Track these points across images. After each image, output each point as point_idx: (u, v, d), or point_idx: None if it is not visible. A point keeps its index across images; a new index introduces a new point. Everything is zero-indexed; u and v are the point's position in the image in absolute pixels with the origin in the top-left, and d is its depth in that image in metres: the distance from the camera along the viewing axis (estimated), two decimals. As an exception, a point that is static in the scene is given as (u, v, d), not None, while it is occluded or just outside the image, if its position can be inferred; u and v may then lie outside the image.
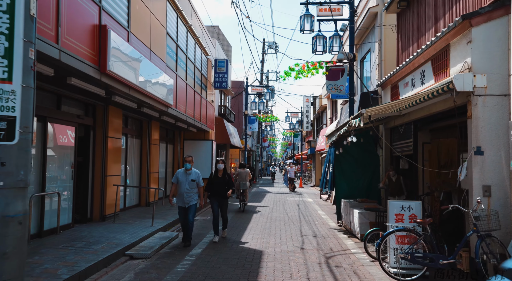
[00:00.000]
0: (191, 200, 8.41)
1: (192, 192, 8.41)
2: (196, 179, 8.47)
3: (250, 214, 13.93)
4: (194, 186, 8.44)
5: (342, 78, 13.16)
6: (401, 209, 6.73)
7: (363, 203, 10.45)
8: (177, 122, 14.14)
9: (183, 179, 8.41)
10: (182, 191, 8.36)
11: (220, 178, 9.10)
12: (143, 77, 9.05)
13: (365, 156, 11.99)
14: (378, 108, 7.12)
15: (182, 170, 8.55)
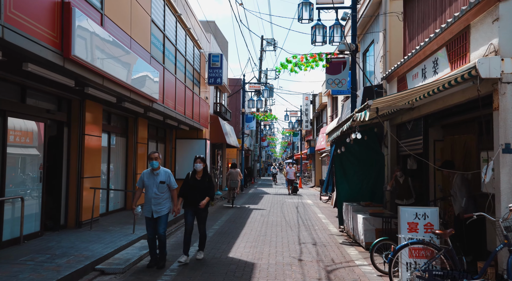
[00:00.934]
0: (161, 208, 6.66)
1: (162, 198, 6.69)
2: (167, 181, 6.72)
3: (244, 219, 12.95)
4: (165, 190, 6.74)
5: (343, 72, 12.18)
6: (414, 217, 5.75)
7: (368, 207, 9.47)
8: (166, 119, 13.16)
9: (149, 181, 6.69)
10: (150, 197, 6.64)
11: (198, 181, 7.09)
12: (122, 68, 8.07)
13: (369, 155, 11.01)
14: (387, 99, 6.13)
15: (148, 170, 6.79)
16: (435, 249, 5.24)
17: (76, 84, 7.23)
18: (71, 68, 6.26)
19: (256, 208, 15.92)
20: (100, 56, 7.01)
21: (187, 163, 17.02)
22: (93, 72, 6.95)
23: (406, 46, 10.44)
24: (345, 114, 14.62)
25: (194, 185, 7.04)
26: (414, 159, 9.98)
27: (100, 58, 7.00)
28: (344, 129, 7.86)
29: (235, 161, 30.55)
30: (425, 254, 5.51)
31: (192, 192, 7.02)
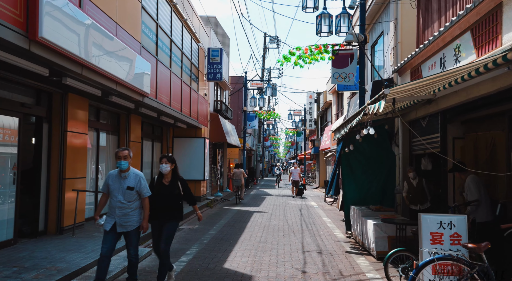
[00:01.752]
0: (128, 220, 5.24)
1: (130, 207, 5.25)
2: (136, 186, 5.27)
3: (244, 222, 12.10)
4: (134, 198, 5.28)
5: (351, 65, 11.30)
6: (439, 226, 4.89)
7: (378, 212, 8.60)
8: (161, 116, 12.33)
9: (115, 186, 5.27)
10: (114, 205, 5.24)
11: (166, 188, 5.58)
12: (105, 56, 7.24)
13: (378, 154, 10.15)
14: (406, 87, 5.27)
15: (115, 172, 5.39)
16: (467, 266, 4.38)
17: (51, 73, 6.41)
18: (40, 53, 5.44)
19: (257, 211, 15.07)
20: (77, 41, 6.18)
21: (185, 163, 16.20)
22: (69, 59, 6.13)
23: (420, 36, 9.57)
24: (352, 111, 13.74)
25: (160, 192, 5.55)
26: (429, 159, 9.12)
27: (77, 43, 6.18)
28: (354, 125, 7.00)
29: (237, 161, 29.74)
30: (452, 270, 4.65)
31: (158, 201, 5.53)
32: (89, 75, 6.86)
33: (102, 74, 7.25)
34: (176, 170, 5.71)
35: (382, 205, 9.67)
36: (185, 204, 5.97)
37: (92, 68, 6.79)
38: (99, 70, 7.02)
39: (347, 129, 7.87)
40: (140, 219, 5.39)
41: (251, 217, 13.37)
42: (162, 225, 5.57)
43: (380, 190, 10.15)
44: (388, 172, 10.15)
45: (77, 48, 6.12)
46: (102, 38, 7.07)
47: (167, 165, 5.57)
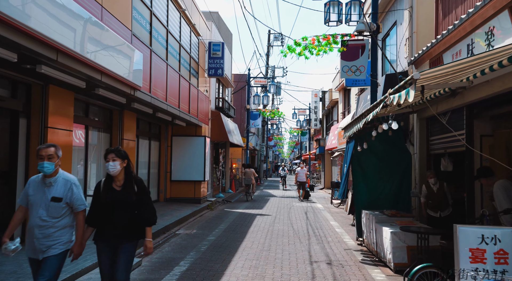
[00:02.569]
0: (51, 243, 3.81)
1: (56, 227, 3.85)
2: (67, 197, 3.91)
3: (246, 227, 11.24)
4: (61, 213, 3.90)
5: (361, 57, 10.43)
6: (480, 241, 4.01)
7: (394, 218, 7.72)
8: (157, 112, 11.49)
9: (36, 197, 3.87)
10: (32, 224, 3.81)
11: (117, 194, 4.08)
12: (87, 42, 6.41)
13: (393, 154, 9.26)
14: (439, 71, 4.38)
15: (38, 177, 3.97)
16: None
17: (21, 59, 5.57)
18: (1, 32, 4.59)
19: (260, 214, 14.21)
20: (50, 21, 5.34)
21: (184, 163, 15.37)
22: (39, 41, 5.29)
23: (439, 23, 8.68)
24: (362, 107, 12.86)
25: (110, 201, 4.02)
26: (449, 159, 8.24)
27: (50, 24, 5.33)
28: (369, 119, 6.11)
29: (240, 161, 28.90)
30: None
31: (107, 214, 4.02)
32: (67, 62, 6.01)
33: (83, 62, 6.41)
34: (129, 169, 4.13)
35: (397, 210, 8.80)
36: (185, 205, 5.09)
37: (70, 54, 5.95)
38: (79, 57, 6.18)
39: (360, 125, 6.99)
40: (66, 241, 3.88)
41: (253, 220, 12.50)
42: (116, 249, 4.01)
43: (394, 193, 9.27)
44: (402, 173, 9.27)
45: (48, 29, 5.28)
46: (83, 21, 6.23)
47: (116, 163, 3.97)
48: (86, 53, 6.35)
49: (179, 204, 14.62)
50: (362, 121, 6.77)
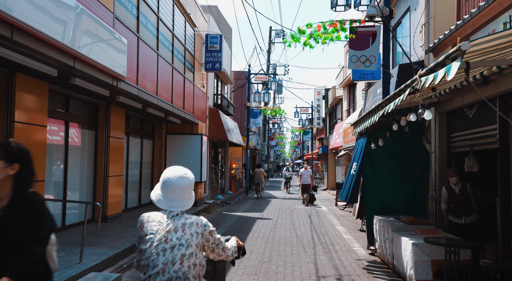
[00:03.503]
0: None
1: None
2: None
3: (245, 233, 10.25)
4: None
5: (372, 46, 9.42)
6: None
7: (414, 226, 6.72)
8: (147, 107, 10.52)
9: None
10: None
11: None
12: (56, 23, 5.44)
13: (407, 152, 8.28)
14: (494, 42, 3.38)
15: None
16: None
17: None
18: None
19: (260, 217, 13.22)
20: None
21: (179, 163, 14.35)
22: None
23: (462, 5, 7.69)
24: (371, 102, 11.87)
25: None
26: (475, 158, 7.24)
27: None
28: (389, 110, 5.11)
29: (240, 161, 27.94)
30: None
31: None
32: (27, 42, 5.03)
33: (50, 44, 5.43)
34: (23, 181, 2.25)
35: (411, 214, 7.83)
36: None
37: (29, 31, 4.96)
38: (42, 37, 5.20)
39: (375, 118, 5.99)
40: None
41: (253, 225, 11.52)
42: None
43: (409, 196, 8.28)
44: (419, 175, 8.28)
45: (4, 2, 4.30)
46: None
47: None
48: (53, 33, 5.36)
49: (173, 207, 13.62)
50: (378, 114, 5.78)
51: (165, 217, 2.38)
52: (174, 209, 2.41)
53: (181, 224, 2.37)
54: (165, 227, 2.33)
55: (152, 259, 2.29)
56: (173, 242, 2.31)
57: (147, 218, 2.41)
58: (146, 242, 2.34)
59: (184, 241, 2.33)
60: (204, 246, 2.45)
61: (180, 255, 2.30)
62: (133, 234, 8.65)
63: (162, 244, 2.30)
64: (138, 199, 12.90)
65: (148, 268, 2.30)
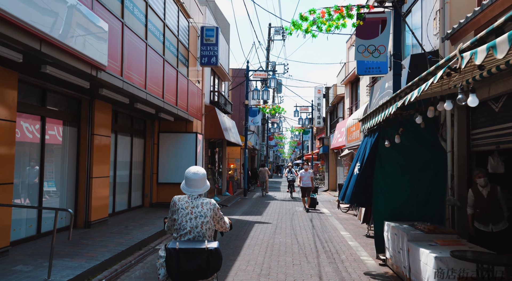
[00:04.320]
0: None
1: None
2: None
3: (241, 239, 9.40)
4: None
5: (382, 35, 8.57)
6: None
7: (433, 235, 5.88)
8: (135, 102, 9.67)
9: None
10: None
11: None
12: (24, 4, 4.58)
13: (421, 151, 7.46)
14: None
15: None
16: None
17: None
18: None
19: (259, 221, 12.37)
20: None
21: (172, 163, 13.55)
22: None
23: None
24: (378, 98, 11.03)
25: None
26: (500, 157, 6.41)
27: None
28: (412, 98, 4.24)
29: (239, 161, 27.08)
30: None
31: None
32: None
33: (6, 20, 4.57)
34: None
35: (425, 220, 7.00)
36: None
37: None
38: (5, 16, 4.35)
39: (392, 109, 5.12)
40: None
41: (251, 230, 10.67)
42: None
43: (423, 199, 7.45)
44: (434, 176, 7.46)
45: None
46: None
47: None
48: (12, 8, 4.51)
49: (166, 210, 12.79)
50: (395, 105, 4.92)
51: (189, 198, 3.58)
52: (193, 193, 3.61)
53: (200, 203, 3.56)
54: (190, 204, 3.54)
55: (183, 224, 3.48)
56: (196, 214, 3.52)
57: (178, 199, 3.59)
58: (178, 214, 3.52)
59: (203, 213, 3.53)
60: (214, 217, 3.62)
61: (201, 222, 3.51)
62: (118, 242, 7.80)
63: (189, 215, 3.51)
64: (128, 202, 12.04)
65: (180, 230, 3.49)
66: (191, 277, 3.31)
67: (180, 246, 3.29)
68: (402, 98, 4.70)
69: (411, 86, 4.41)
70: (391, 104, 5.24)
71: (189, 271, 3.29)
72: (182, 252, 3.27)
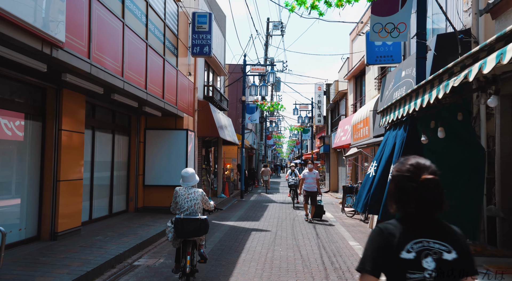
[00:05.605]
0: None
1: None
2: None
3: (236, 252, 8.04)
4: None
5: (402, 10, 7.24)
6: None
7: (483, 258, 4.52)
8: (112, 93, 8.31)
9: None
10: None
11: None
12: None
13: (452, 150, 6.06)
14: None
15: None
16: None
17: None
18: None
19: (256, 229, 11.02)
20: None
21: (160, 164, 12.19)
22: None
23: None
24: (392, 89, 9.69)
25: None
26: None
27: None
28: (471, 77, 2.87)
29: (235, 160, 25.72)
30: None
31: None
32: None
33: None
34: None
35: (482, 243, 5.65)
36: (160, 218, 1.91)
37: None
38: None
39: (440, 93, 3.73)
40: None
41: (247, 240, 9.32)
42: None
43: (455, 208, 6.09)
44: (467, 180, 6.09)
45: None
46: None
47: None
48: None
49: (152, 216, 11.43)
50: (444, 85, 3.55)
51: (185, 188, 5.55)
52: (187, 185, 5.57)
53: (193, 191, 5.56)
54: (186, 192, 5.52)
55: (182, 205, 5.46)
56: (190, 198, 5.50)
57: (179, 189, 5.57)
58: (179, 198, 5.49)
59: (195, 198, 5.51)
60: (202, 200, 5.61)
61: (193, 203, 5.48)
62: (85, 260, 6.44)
63: (186, 199, 5.49)
64: (109, 207, 10.68)
65: (181, 208, 5.44)
66: (190, 235, 5.28)
67: (184, 217, 5.28)
68: (454, 75, 3.35)
69: (465, 60, 3.07)
70: (433, 86, 3.89)
71: (189, 231, 5.25)
72: (185, 220, 5.24)
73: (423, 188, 1.89)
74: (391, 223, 1.95)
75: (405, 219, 1.94)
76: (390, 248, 1.85)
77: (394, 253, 1.84)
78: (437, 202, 1.94)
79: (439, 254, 1.82)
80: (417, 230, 1.88)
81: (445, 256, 1.82)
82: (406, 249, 1.83)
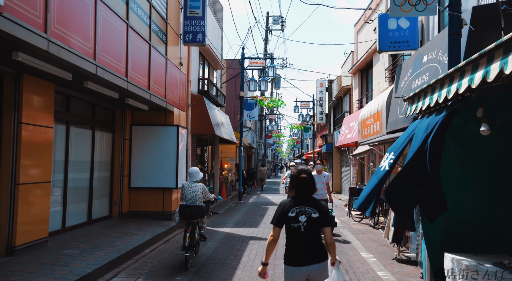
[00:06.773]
0: None
1: None
2: None
3: (230, 269, 6.80)
4: None
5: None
6: None
7: None
8: (84, 80, 7.05)
9: None
10: None
11: None
12: None
13: (497, 144, 4.82)
14: None
15: None
16: None
17: None
18: None
19: (254, 237, 9.79)
20: None
21: (148, 164, 10.95)
22: None
23: None
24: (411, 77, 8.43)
25: None
26: None
27: None
28: None
29: (234, 160, 24.46)
30: None
31: None
32: None
33: None
34: None
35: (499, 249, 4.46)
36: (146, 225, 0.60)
37: None
38: None
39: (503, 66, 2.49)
40: None
41: (244, 252, 8.09)
42: None
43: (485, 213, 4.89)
44: (508, 181, 4.87)
45: None
46: None
47: None
48: None
49: (138, 222, 10.18)
50: None
51: (190, 183, 7.15)
52: (191, 180, 7.18)
53: (195, 185, 7.12)
54: (190, 185, 7.11)
55: (187, 195, 7.03)
56: (194, 190, 7.06)
57: (185, 183, 7.19)
58: (184, 190, 7.08)
59: (196, 190, 7.07)
60: (203, 192, 7.14)
61: (195, 194, 7.02)
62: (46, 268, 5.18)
63: (189, 191, 7.06)
64: (88, 212, 9.42)
65: (186, 198, 7.02)
66: (191, 217, 6.87)
67: (186, 204, 6.88)
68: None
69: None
70: (491, 60, 2.64)
71: (190, 214, 6.84)
72: (187, 206, 6.84)
73: (302, 181, 3.65)
74: (287, 199, 3.69)
75: (294, 197, 3.66)
76: (283, 211, 3.58)
77: (285, 214, 3.57)
78: (310, 188, 3.67)
79: (308, 214, 3.56)
80: (299, 202, 3.60)
81: (312, 215, 3.55)
82: (291, 211, 3.55)
